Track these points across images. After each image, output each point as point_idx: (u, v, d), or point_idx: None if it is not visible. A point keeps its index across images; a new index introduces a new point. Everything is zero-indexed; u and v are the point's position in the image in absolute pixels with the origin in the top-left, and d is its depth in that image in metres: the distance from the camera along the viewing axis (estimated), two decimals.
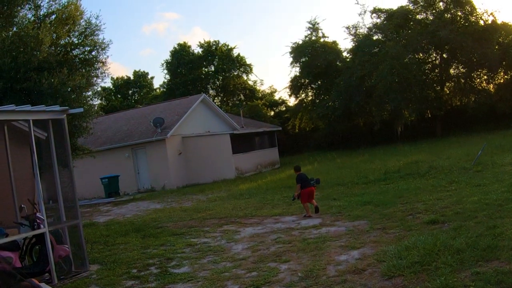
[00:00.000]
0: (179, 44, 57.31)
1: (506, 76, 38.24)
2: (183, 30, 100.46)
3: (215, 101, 52.72)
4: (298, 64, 44.89)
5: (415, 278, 6.09)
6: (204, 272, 7.87)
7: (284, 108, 54.78)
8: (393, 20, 39.31)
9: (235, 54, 56.85)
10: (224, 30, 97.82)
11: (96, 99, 19.05)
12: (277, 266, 7.65)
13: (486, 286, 5.41)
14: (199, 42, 61.62)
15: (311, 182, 12.75)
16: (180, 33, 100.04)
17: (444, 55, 39.89)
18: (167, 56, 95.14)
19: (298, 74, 45.36)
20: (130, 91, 63.99)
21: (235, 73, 57.18)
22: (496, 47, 36.54)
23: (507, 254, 6.33)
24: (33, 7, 14.26)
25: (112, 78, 60.99)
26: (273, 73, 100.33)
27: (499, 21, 37.44)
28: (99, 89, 23.68)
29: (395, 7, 40.66)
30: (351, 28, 42.90)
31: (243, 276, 7.33)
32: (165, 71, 57.03)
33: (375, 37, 41.40)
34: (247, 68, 57.15)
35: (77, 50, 15.02)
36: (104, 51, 15.02)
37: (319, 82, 45.45)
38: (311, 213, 12.00)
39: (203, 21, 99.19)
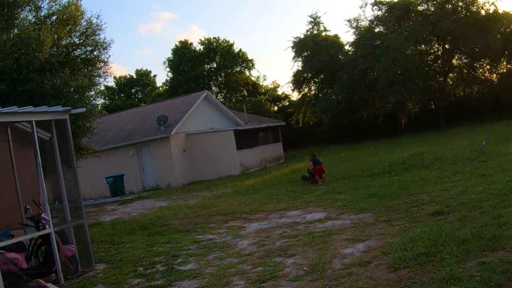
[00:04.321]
0: (180, 42, 57.43)
1: (508, 66, 38.09)
2: (180, 29, 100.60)
3: (218, 97, 52.66)
4: (300, 59, 44.67)
5: (421, 269, 6.08)
6: (210, 268, 7.90)
7: (287, 103, 54.60)
8: (394, 12, 39.12)
9: (236, 50, 56.79)
10: (222, 27, 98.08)
11: (99, 99, 19.10)
12: (283, 260, 7.66)
13: (492, 275, 5.39)
14: (200, 39, 61.40)
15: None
16: (177, 32, 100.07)
17: (446, 46, 39.72)
18: (165, 55, 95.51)
19: (300, 68, 45.14)
20: (133, 90, 64.08)
21: (237, 69, 57.11)
22: (498, 36, 36.32)
23: None
24: (33, 8, 14.29)
25: (115, 77, 61.19)
26: (275, 68, 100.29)
27: (500, 11, 37.28)
28: (102, 88, 23.72)
29: None
30: (352, 21, 42.69)
31: (249, 272, 7.35)
32: (167, 69, 57.16)
33: (376, 30, 41.20)
34: (249, 64, 57.03)
35: (78, 50, 15.06)
36: (105, 51, 15.08)
37: (322, 76, 45.25)
38: (320, 183, 16.66)
39: (200, 20, 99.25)
